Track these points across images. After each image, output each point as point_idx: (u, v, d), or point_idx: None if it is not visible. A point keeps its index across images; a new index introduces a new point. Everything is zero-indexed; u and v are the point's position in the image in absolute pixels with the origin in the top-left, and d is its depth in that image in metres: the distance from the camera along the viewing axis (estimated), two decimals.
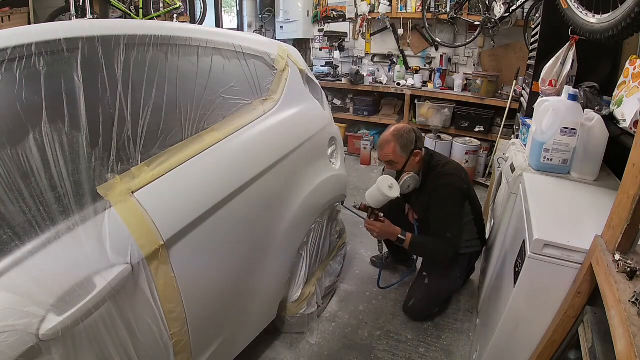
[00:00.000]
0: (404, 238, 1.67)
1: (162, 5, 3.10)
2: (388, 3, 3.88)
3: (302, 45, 4.56)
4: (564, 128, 1.47)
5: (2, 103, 0.79)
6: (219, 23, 3.92)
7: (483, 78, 3.48)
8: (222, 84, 1.26)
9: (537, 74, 2.09)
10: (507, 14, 3.19)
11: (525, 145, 1.83)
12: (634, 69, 1.44)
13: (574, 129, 1.47)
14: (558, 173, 1.55)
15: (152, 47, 1.06)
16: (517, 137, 2.31)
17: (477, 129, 3.58)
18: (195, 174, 1.09)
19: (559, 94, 1.71)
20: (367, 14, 4.06)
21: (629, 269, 0.79)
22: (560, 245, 1.04)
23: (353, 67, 4.27)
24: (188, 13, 3.41)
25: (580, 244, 1.02)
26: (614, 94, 1.56)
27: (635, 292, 0.73)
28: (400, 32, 3.98)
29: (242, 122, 1.30)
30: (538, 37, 2.29)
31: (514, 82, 3.21)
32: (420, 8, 3.76)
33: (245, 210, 1.24)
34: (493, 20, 3.26)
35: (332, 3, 4.31)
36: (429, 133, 3.56)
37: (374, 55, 4.33)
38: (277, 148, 1.40)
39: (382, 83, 4.07)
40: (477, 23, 3.41)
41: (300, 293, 1.69)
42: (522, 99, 2.78)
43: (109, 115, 0.92)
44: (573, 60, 1.84)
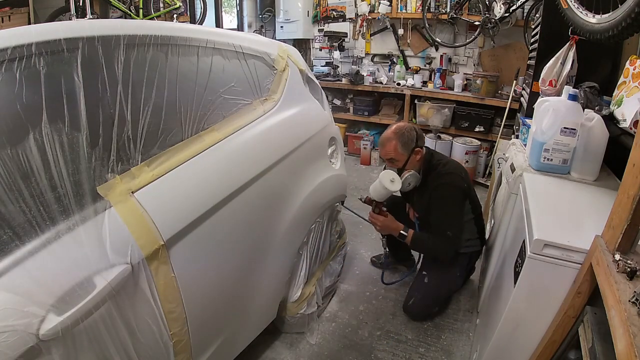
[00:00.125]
0: (406, 234, 1.71)
1: (162, 5, 3.10)
2: (388, 3, 3.88)
3: (302, 45, 4.56)
4: (564, 128, 1.47)
5: (2, 103, 0.79)
6: (219, 23, 3.92)
7: (483, 78, 3.48)
8: (222, 84, 1.26)
9: (537, 74, 2.09)
10: (507, 14, 3.19)
11: (525, 145, 1.83)
12: (634, 69, 1.44)
13: (574, 129, 1.47)
14: (558, 173, 1.55)
15: (152, 47, 1.06)
16: (517, 137, 2.31)
17: (477, 129, 3.58)
18: (196, 174, 1.09)
19: (559, 94, 1.71)
20: (367, 14, 4.06)
21: (629, 269, 0.79)
22: (560, 245, 1.04)
23: (353, 67, 4.27)
24: (188, 13, 3.41)
25: (580, 244, 1.02)
26: (614, 94, 1.56)
27: (635, 292, 0.73)
28: (400, 32, 3.98)
29: (242, 122, 1.30)
30: (538, 37, 2.29)
31: (514, 82, 3.20)
32: (420, 8, 3.76)
33: (245, 210, 1.24)
34: (493, 20, 3.26)
35: (332, 3, 4.31)
36: (429, 133, 3.56)
37: (374, 55, 4.33)
38: (277, 148, 1.40)
39: (382, 83, 4.07)
40: (477, 23, 3.41)
41: (300, 293, 1.69)
42: (522, 99, 2.78)
43: (109, 115, 0.92)
44: (573, 60, 1.84)
